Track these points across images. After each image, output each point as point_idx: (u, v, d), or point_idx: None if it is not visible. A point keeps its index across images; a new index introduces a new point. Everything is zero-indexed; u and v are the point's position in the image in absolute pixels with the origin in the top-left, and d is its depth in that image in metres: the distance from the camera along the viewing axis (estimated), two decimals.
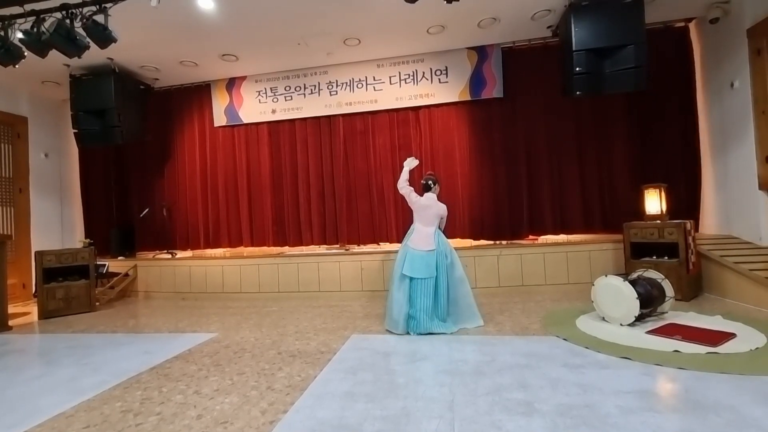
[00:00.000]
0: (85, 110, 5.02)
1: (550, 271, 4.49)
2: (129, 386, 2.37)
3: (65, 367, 2.76)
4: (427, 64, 5.10)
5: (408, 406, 1.95)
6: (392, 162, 5.24)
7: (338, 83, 5.34)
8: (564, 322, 3.20)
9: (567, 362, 2.40)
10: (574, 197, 4.84)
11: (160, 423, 1.91)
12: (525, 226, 4.90)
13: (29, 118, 5.74)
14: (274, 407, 2.01)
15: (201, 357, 2.84)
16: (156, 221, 5.79)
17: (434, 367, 2.45)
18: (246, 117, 5.60)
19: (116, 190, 6.06)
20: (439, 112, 5.16)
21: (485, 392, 2.06)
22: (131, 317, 4.31)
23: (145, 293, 5.40)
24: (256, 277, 5.04)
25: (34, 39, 3.40)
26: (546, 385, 2.11)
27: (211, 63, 5.09)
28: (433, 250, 3.24)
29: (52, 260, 4.53)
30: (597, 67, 3.98)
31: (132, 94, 5.30)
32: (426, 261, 3.21)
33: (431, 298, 3.17)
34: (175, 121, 5.86)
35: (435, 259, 3.22)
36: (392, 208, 5.22)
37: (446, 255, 3.29)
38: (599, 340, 2.74)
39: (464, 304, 3.29)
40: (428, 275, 3.18)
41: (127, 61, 4.92)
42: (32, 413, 2.07)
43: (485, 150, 5.04)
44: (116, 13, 3.39)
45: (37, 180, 5.79)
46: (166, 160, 5.90)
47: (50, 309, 4.40)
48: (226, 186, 5.72)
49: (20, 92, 5.64)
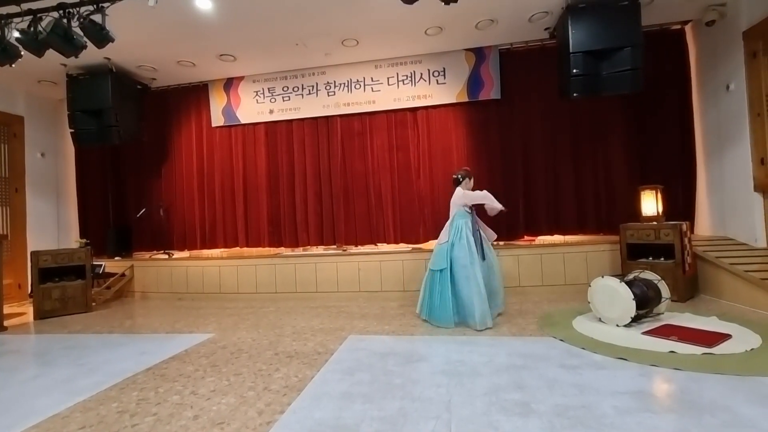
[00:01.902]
0: (82, 110, 5.00)
1: (546, 272, 4.50)
2: (125, 387, 2.36)
3: (61, 368, 2.75)
4: (425, 65, 5.11)
5: (405, 406, 1.96)
6: (390, 163, 5.25)
7: (336, 84, 5.34)
8: (560, 323, 3.21)
9: (564, 363, 2.41)
10: (571, 198, 4.86)
11: (156, 424, 1.90)
12: (521, 227, 4.91)
13: (25, 117, 5.71)
14: (271, 408, 2.00)
15: (198, 357, 2.83)
16: (153, 221, 5.77)
17: (431, 367, 2.45)
18: (243, 117, 5.59)
19: (113, 190, 6.03)
20: (436, 114, 5.17)
21: (482, 393, 2.06)
22: (128, 318, 4.29)
23: (141, 294, 5.38)
24: (254, 278, 5.03)
25: (31, 38, 3.39)
26: (543, 385, 2.11)
27: (209, 63, 5.08)
28: (445, 242, 3.40)
29: (48, 260, 4.50)
30: (594, 69, 4.00)
31: (129, 94, 5.29)
32: (439, 253, 3.43)
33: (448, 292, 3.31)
34: (173, 121, 5.85)
35: (445, 251, 3.37)
36: (389, 209, 5.22)
37: (452, 245, 3.37)
38: (596, 341, 2.75)
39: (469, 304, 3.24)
40: (440, 267, 3.35)
41: (124, 61, 4.90)
42: (28, 414, 2.06)
43: (482, 151, 5.05)
44: (113, 13, 3.38)
45: (33, 180, 5.76)
46: (163, 160, 5.88)
47: (46, 309, 4.38)
48: (223, 186, 5.71)
49: (16, 91, 5.61)
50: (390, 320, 3.62)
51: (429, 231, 5.11)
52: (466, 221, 3.43)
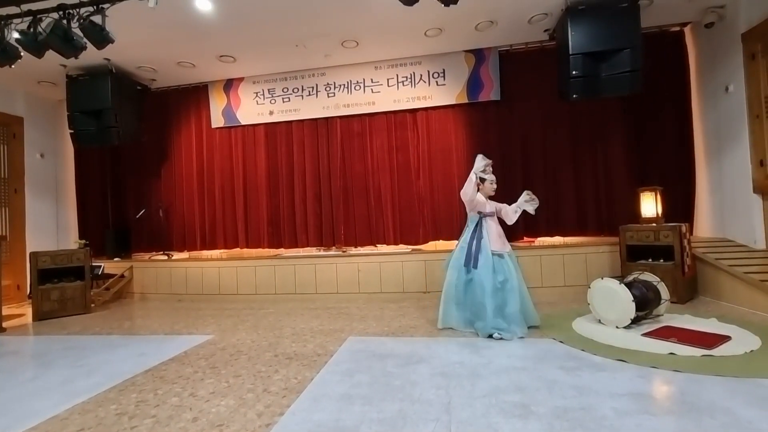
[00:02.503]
0: (82, 111, 5.00)
1: (546, 274, 4.50)
2: (124, 389, 2.36)
3: (60, 369, 2.74)
4: (424, 67, 5.12)
5: (405, 408, 1.95)
6: (389, 164, 5.25)
7: (336, 85, 5.34)
8: (560, 325, 3.21)
9: (563, 364, 2.41)
10: (570, 200, 4.86)
11: (155, 426, 1.90)
12: (520, 229, 4.91)
13: (25, 118, 5.70)
14: (271, 410, 2.00)
15: (197, 359, 2.83)
16: (152, 222, 5.76)
17: (431, 369, 2.45)
18: (243, 118, 5.59)
19: (112, 191, 6.02)
20: (436, 115, 5.18)
21: (482, 395, 2.06)
22: (127, 319, 4.28)
23: (140, 295, 5.37)
24: (253, 279, 5.02)
25: (31, 39, 3.39)
26: (542, 387, 2.11)
27: (209, 64, 5.08)
28: None
29: (47, 261, 4.49)
30: (593, 71, 4.01)
31: (129, 95, 5.28)
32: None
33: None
34: (172, 121, 5.85)
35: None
36: (389, 210, 5.22)
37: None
38: (595, 343, 2.75)
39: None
40: None
41: (124, 62, 4.90)
42: (26, 416, 2.05)
43: (482, 152, 5.02)
44: (113, 14, 3.38)
45: (33, 180, 5.75)
46: (163, 161, 5.88)
47: (45, 310, 4.37)
48: (223, 187, 5.71)
49: (16, 92, 5.61)
50: (389, 321, 3.62)
51: (429, 232, 5.11)
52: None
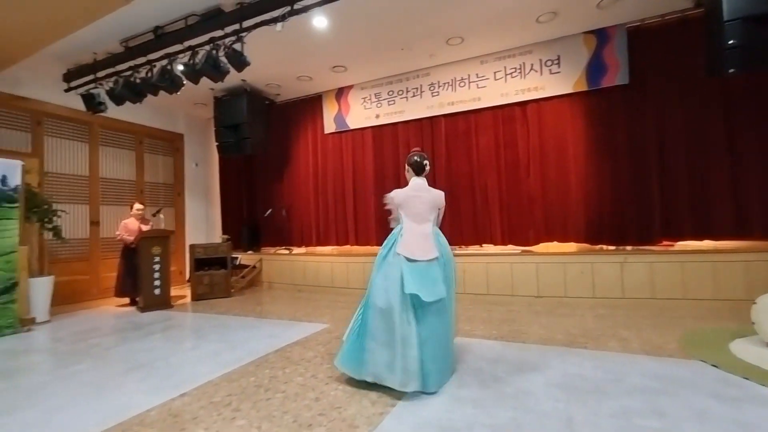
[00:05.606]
0: (224, 126, 5.93)
1: (690, 284, 3.82)
2: (260, 364, 2.72)
3: (211, 343, 3.29)
4: (536, 56, 4.78)
5: (518, 417, 1.86)
6: (497, 162, 5.03)
7: (440, 84, 5.33)
8: (712, 345, 2.70)
9: (718, 393, 2.02)
10: (724, 197, 4.03)
11: (285, 400, 2.15)
12: (657, 230, 4.25)
13: (185, 134, 7.00)
14: (383, 400, 2.10)
15: (316, 345, 3.11)
16: (276, 220, 6.52)
17: (545, 379, 2.28)
18: (352, 123, 5.95)
19: (245, 193, 7.00)
20: (549, 106, 4.79)
21: (609, 414, 1.85)
22: (258, 304, 4.93)
23: (268, 284, 6.14)
24: (362, 275, 5.30)
25: (190, 69, 4.11)
26: (690, 416, 1.81)
27: (323, 75, 5.54)
28: (436, 258, 2.36)
29: (201, 252, 5.43)
30: (756, 39, 3.24)
31: (259, 109, 6.07)
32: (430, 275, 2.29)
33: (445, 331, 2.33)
34: (292, 130, 6.52)
35: (440, 271, 2.34)
36: (497, 210, 5.01)
37: (446, 264, 2.43)
38: (763, 371, 2.24)
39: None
40: (437, 296, 2.24)
41: (255, 80, 5.65)
42: (191, 378, 2.51)
43: (605, 144, 4.51)
44: (248, 40, 3.90)
45: (190, 185, 7.03)
46: (284, 166, 6.60)
47: (199, 293, 5.29)
48: (335, 188, 6.15)
49: (178, 113, 6.90)
50: (498, 325, 3.49)
51: (540, 233, 4.77)
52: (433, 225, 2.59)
